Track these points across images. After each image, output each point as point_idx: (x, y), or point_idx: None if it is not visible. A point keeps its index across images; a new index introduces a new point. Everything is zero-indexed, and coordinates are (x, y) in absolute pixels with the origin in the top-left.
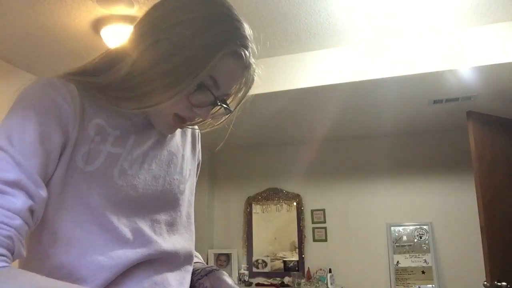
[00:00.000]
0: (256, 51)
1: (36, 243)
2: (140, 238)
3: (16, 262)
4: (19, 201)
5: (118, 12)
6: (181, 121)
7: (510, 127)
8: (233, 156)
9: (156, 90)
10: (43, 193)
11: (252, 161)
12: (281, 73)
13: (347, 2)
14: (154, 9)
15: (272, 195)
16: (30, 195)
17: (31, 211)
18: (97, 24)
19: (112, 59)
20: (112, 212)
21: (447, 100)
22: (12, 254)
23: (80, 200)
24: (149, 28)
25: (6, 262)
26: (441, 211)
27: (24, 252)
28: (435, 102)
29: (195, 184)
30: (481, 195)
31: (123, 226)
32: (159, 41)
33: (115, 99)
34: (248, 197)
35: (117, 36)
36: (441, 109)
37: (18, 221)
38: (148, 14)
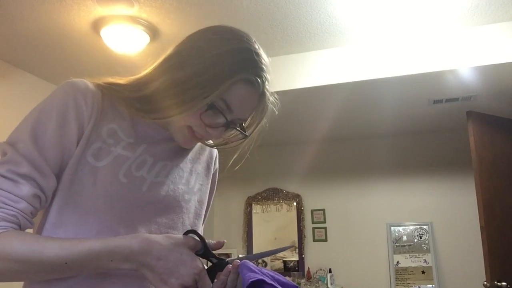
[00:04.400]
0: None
1: (40, 225)
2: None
3: None
4: (26, 188)
5: (118, 12)
6: (197, 137)
7: (510, 127)
8: (233, 156)
9: (171, 106)
10: (51, 182)
11: (252, 161)
12: (281, 73)
13: (347, 2)
14: (182, 45)
15: (272, 195)
16: (37, 184)
17: (37, 196)
18: (97, 24)
19: (142, 83)
20: (112, 206)
21: (447, 100)
22: (19, 227)
23: (85, 192)
24: (175, 61)
25: (6, 228)
26: (441, 211)
27: (30, 225)
28: (435, 102)
29: (209, 200)
30: (481, 195)
31: (119, 220)
32: (182, 70)
33: (137, 110)
34: (248, 197)
35: (117, 36)
36: (441, 109)
37: (22, 204)
38: (177, 47)
